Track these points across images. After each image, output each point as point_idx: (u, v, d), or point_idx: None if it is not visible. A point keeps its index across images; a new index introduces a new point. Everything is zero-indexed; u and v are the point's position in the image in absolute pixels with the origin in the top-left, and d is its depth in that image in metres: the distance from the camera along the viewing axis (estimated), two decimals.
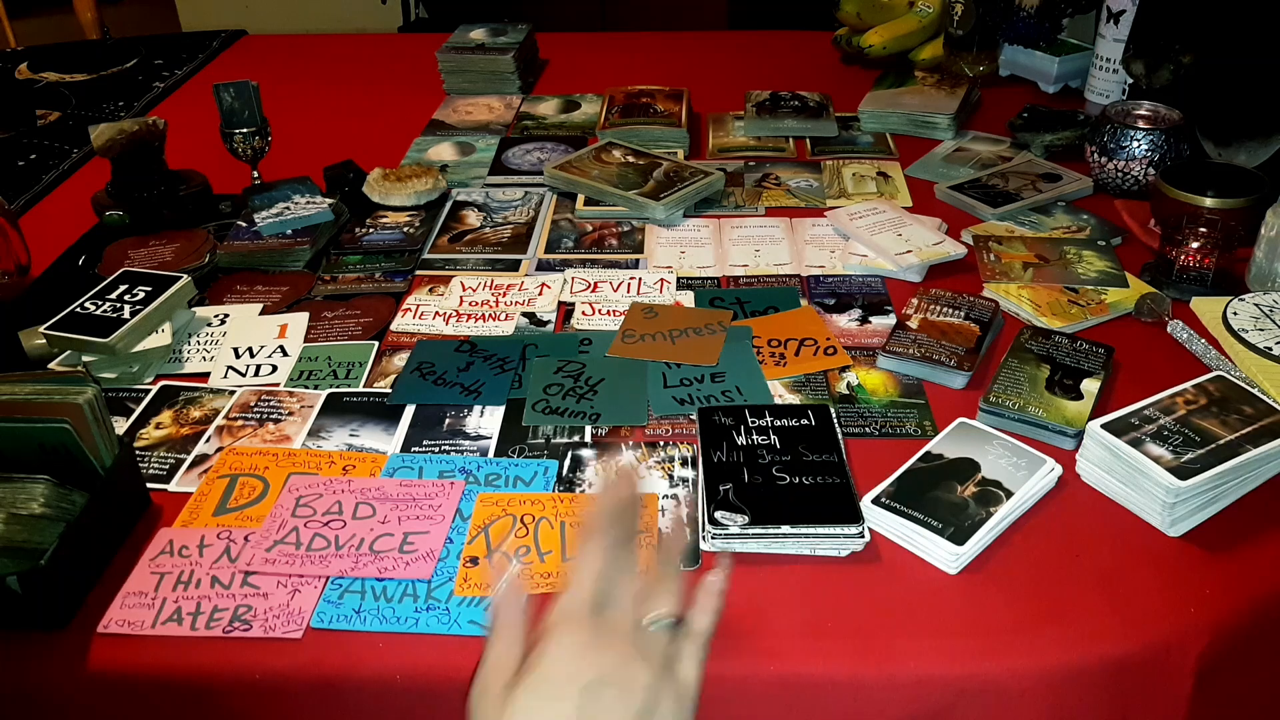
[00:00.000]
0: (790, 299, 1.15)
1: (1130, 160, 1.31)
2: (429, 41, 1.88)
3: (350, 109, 1.76)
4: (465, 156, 1.54)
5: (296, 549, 0.81)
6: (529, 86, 1.82)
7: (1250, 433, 0.84)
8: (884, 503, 0.82)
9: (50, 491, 0.77)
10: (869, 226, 1.25)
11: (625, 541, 0.56)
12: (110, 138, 1.31)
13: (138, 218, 1.34)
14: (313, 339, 1.10)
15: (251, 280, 1.22)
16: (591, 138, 1.56)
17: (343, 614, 0.76)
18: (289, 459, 0.92)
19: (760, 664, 0.72)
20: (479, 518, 0.84)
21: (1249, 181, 1.18)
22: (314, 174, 1.39)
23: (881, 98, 1.62)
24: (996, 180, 1.37)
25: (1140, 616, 0.75)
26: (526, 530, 0.83)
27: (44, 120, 1.78)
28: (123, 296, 1.09)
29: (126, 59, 2.06)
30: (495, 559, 0.78)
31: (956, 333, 1.03)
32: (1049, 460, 0.86)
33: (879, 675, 0.72)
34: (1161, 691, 0.75)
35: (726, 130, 1.60)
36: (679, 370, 1.02)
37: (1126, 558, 0.80)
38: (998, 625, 0.74)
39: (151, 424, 0.98)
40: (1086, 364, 0.98)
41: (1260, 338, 1.01)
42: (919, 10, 1.79)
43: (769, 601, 0.76)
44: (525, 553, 0.81)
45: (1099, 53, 1.63)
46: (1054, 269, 1.15)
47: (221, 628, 0.75)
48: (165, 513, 0.87)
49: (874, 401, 0.98)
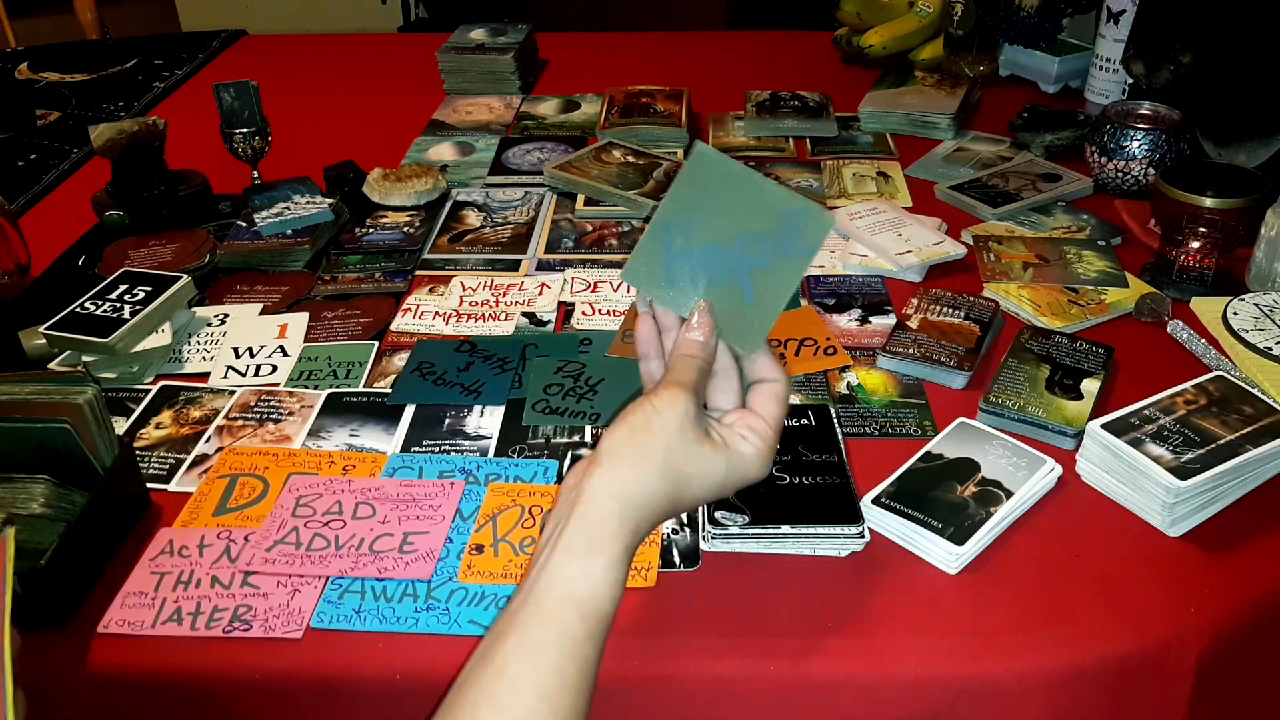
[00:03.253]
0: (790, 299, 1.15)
1: (1130, 160, 1.31)
2: (429, 41, 1.88)
3: (350, 109, 1.76)
4: (465, 156, 1.54)
5: (296, 549, 0.81)
6: (529, 86, 1.82)
7: (1250, 433, 0.84)
8: (884, 503, 0.82)
9: (50, 491, 0.77)
10: (869, 226, 1.25)
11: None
12: (110, 138, 1.31)
13: (138, 218, 1.34)
14: (313, 339, 1.10)
15: (251, 280, 1.22)
16: (591, 138, 1.56)
17: (343, 614, 0.76)
18: (289, 459, 0.92)
19: (760, 664, 0.72)
20: (488, 506, 0.85)
21: (1249, 181, 1.18)
22: (314, 174, 1.39)
23: (881, 98, 1.62)
24: (996, 180, 1.37)
25: (1140, 616, 0.75)
26: (533, 521, 0.83)
27: (44, 120, 1.78)
28: (123, 296, 1.09)
29: (126, 59, 2.06)
30: None
31: (956, 333, 1.03)
32: (1049, 460, 0.86)
33: (879, 675, 0.72)
34: (1161, 691, 0.75)
35: (726, 130, 1.60)
36: None
37: (1126, 558, 0.80)
38: (998, 625, 0.74)
39: (151, 424, 0.98)
40: (1086, 364, 0.98)
41: (1260, 338, 1.01)
42: (919, 10, 1.79)
43: (769, 601, 0.76)
44: (530, 544, 0.81)
45: (1099, 53, 1.63)
46: (1054, 269, 1.15)
47: (221, 628, 0.75)
48: (165, 513, 0.87)
49: (874, 401, 0.98)
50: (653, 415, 0.59)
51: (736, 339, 0.63)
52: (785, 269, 0.62)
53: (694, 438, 0.59)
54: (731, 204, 0.62)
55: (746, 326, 0.63)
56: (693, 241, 0.63)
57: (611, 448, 0.59)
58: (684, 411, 0.59)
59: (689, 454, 0.59)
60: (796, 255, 0.62)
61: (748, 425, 0.62)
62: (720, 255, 0.63)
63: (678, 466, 0.59)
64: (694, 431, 0.59)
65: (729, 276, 0.63)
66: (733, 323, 0.63)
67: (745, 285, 0.63)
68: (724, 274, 0.63)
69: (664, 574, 0.79)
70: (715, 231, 0.62)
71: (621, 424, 0.60)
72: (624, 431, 0.59)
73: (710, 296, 0.63)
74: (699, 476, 0.60)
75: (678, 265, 0.63)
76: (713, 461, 0.60)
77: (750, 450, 0.62)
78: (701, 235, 0.63)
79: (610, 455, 0.59)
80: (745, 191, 0.62)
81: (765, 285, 0.62)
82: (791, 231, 0.61)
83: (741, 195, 0.62)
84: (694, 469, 0.59)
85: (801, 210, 0.61)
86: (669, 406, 0.59)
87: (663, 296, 0.64)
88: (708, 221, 0.62)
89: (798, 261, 0.62)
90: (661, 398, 0.60)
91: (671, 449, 0.59)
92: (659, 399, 0.60)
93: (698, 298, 0.63)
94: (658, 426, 0.59)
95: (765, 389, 0.64)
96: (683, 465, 0.59)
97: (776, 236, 0.61)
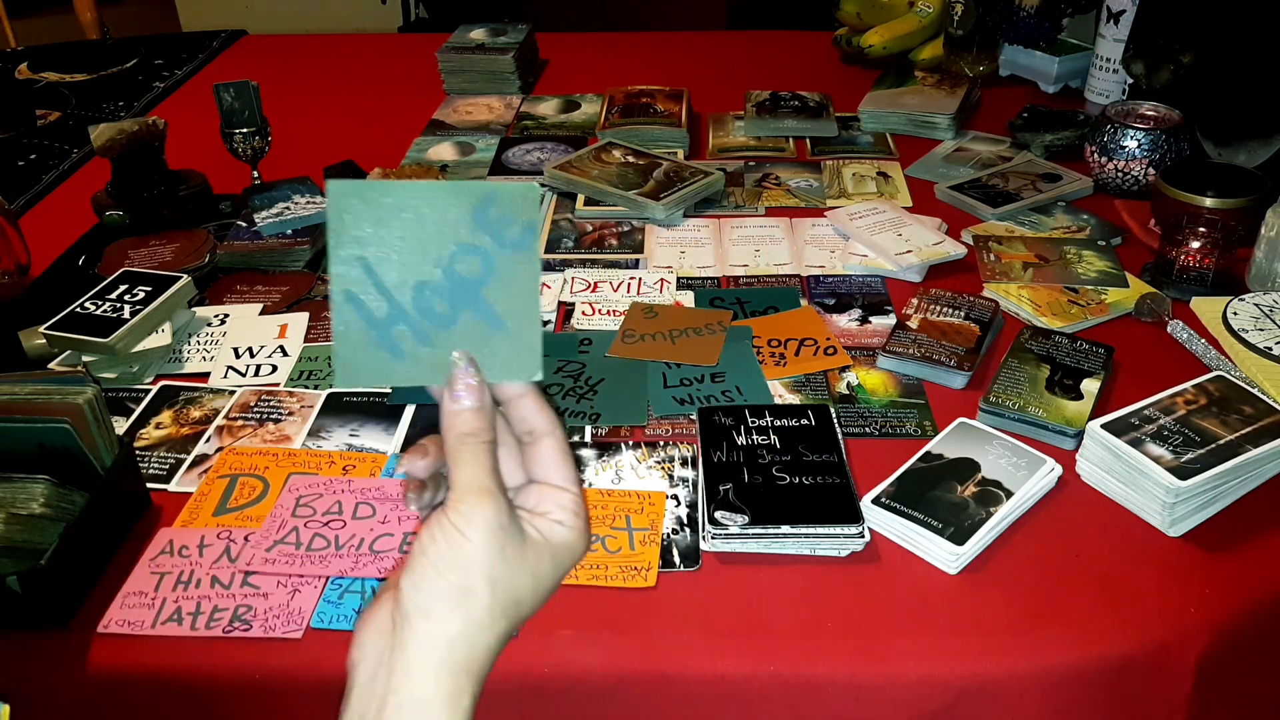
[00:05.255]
0: (790, 299, 1.15)
1: (1130, 160, 1.31)
2: (429, 41, 1.88)
3: (350, 109, 1.76)
4: (465, 156, 1.54)
5: (296, 549, 0.81)
6: (529, 86, 1.82)
7: (1250, 433, 0.84)
8: (884, 503, 0.82)
9: (50, 491, 0.77)
10: (869, 226, 1.25)
11: None
12: (110, 138, 1.31)
13: (138, 218, 1.34)
14: (313, 339, 1.10)
15: (251, 280, 1.22)
16: (591, 138, 1.56)
17: (343, 614, 0.76)
18: (289, 459, 0.92)
19: (760, 664, 0.72)
20: None
21: (1249, 181, 1.18)
22: (314, 174, 1.39)
23: (881, 98, 1.62)
24: (996, 180, 1.37)
25: (1140, 616, 0.75)
26: None
27: (44, 120, 1.78)
28: (123, 296, 1.09)
29: (126, 59, 2.06)
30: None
31: (956, 333, 1.03)
32: (1049, 460, 0.86)
33: (879, 675, 0.72)
34: (1161, 691, 0.75)
35: (726, 130, 1.60)
36: (679, 370, 1.02)
37: (1126, 558, 0.80)
38: (998, 625, 0.74)
39: (151, 424, 0.98)
40: (1086, 364, 0.98)
41: (1260, 338, 1.01)
42: (919, 10, 1.79)
43: (769, 601, 0.76)
44: None
45: (1099, 53, 1.63)
46: (1054, 269, 1.15)
47: (221, 628, 0.75)
48: (165, 513, 0.87)
49: (874, 401, 0.98)
50: (461, 545, 0.44)
51: (509, 374, 0.50)
52: (516, 269, 0.49)
53: (515, 552, 0.45)
54: (410, 231, 0.48)
55: (513, 355, 0.50)
56: (394, 297, 0.48)
57: (421, 605, 0.44)
58: (498, 524, 0.45)
59: (515, 575, 0.45)
60: (520, 245, 0.49)
61: (555, 503, 0.48)
62: (435, 294, 0.49)
63: (508, 595, 0.45)
64: (513, 544, 0.45)
65: (460, 312, 0.49)
66: (496, 361, 0.50)
67: (484, 313, 0.49)
68: (452, 313, 0.49)
69: (664, 574, 0.79)
70: (411, 272, 0.48)
71: (421, 563, 0.44)
72: (429, 574, 0.44)
73: (451, 347, 0.49)
74: (531, 593, 0.46)
75: (393, 333, 0.49)
76: (540, 568, 0.47)
77: (569, 534, 0.48)
78: (400, 284, 0.48)
79: (423, 615, 0.44)
80: (417, 207, 0.48)
81: (506, 299, 0.49)
82: (498, 222, 0.49)
83: (415, 214, 0.48)
84: (524, 590, 0.46)
85: (493, 193, 0.48)
86: (479, 525, 0.44)
87: (401, 376, 0.50)
88: (396, 266, 0.48)
89: (525, 252, 0.49)
90: (461, 514, 0.45)
91: (496, 579, 0.44)
92: (458, 516, 0.45)
93: (442, 356, 0.49)
94: (471, 557, 0.44)
95: (544, 448, 0.50)
96: (512, 590, 0.45)
97: (484, 239, 0.49)
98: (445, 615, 0.44)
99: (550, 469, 0.49)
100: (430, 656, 0.43)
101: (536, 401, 0.50)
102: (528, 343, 0.50)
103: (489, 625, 0.45)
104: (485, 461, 0.47)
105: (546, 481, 0.49)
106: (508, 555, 0.45)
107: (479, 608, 0.44)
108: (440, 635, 0.44)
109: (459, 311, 0.49)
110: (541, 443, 0.50)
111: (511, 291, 0.49)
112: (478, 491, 0.46)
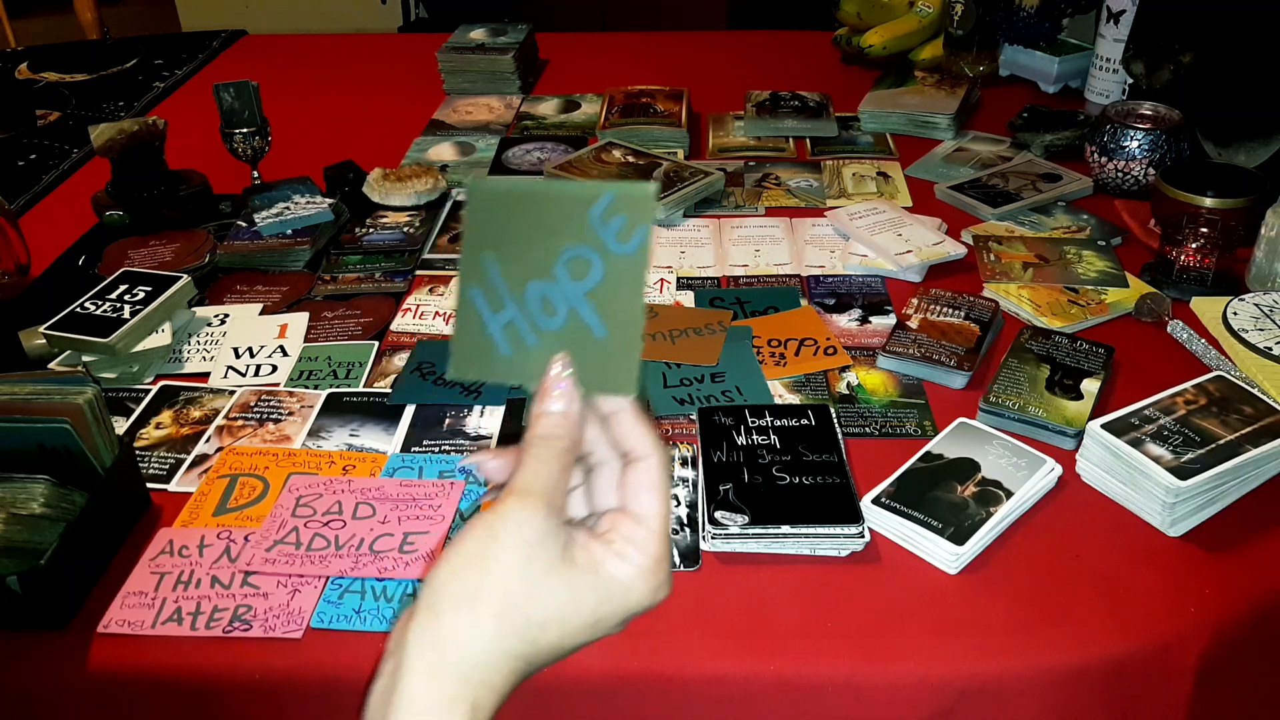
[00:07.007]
0: (790, 299, 1.15)
1: (1130, 160, 1.31)
2: (429, 41, 1.88)
3: (350, 109, 1.76)
4: (465, 156, 1.54)
5: (296, 549, 0.81)
6: (529, 86, 1.82)
7: (1250, 433, 0.84)
8: (884, 503, 0.82)
9: (50, 491, 0.77)
10: (869, 226, 1.25)
11: None
12: (110, 138, 1.31)
13: (138, 218, 1.34)
14: (313, 339, 1.10)
15: (251, 280, 1.22)
16: (591, 138, 1.56)
17: (343, 614, 0.76)
18: (289, 459, 0.92)
19: (760, 664, 0.72)
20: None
21: (1249, 181, 1.18)
22: (314, 174, 1.39)
23: (881, 98, 1.62)
24: (996, 180, 1.37)
25: (1140, 616, 0.75)
26: None
27: (44, 120, 1.78)
28: (123, 296, 1.09)
29: (126, 59, 2.06)
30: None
31: (956, 333, 1.03)
32: (1049, 460, 0.86)
33: (879, 675, 0.72)
34: (1161, 691, 0.75)
35: (726, 130, 1.60)
36: (679, 370, 1.02)
37: (1126, 558, 0.80)
38: (998, 625, 0.74)
39: (151, 424, 0.98)
40: (1086, 364, 0.98)
41: (1260, 338, 1.01)
42: (919, 10, 1.79)
43: (769, 601, 0.76)
44: None
45: (1099, 53, 1.63)
46: (1054, 269, 1.15)
47: (221, 628, 0.75)
48: (165, 513, 0.87)
49: (874, 401, 0.98)
50: (489, 542, 0.42)
51: (603, 385, 0.49)
52: (624, 273, 0.48)
53: (545, 566, 0.42)
54: (531, 230, 0.50)
55: (609, 365, 0.49)
56: (510, 294, 0.50)
57: (430, 599, 0.42)
58: (532, 531, 0.42)
59: (536, 592, 0.42)
60: (629, 250, 0.48)
61: (625, 534, 0.45)
62: (545, 294, 0.50)
63: (522, 611, 0.42)
64: (545, 558, 0.42)
65: (564, 315, 0.49)
66: (591, 369, 0.49)
67: (587, 316, 0.49)
68: (558, 315, 0.50)
69: None
70: (528, 270, 0.50)
71: (447, 554, 0.43)
72: (447, 566, 0.43)
73: (552, 349, 0.49)
74: (558, 621, 0.43)
75: (506, 331, 0.50)
76: (574, 595, 0.43)
77: (629, 572, 0.44)
78: (516, 282, 0.50)
79: (428, 609, 0.42)
80: (540, 208, 0.50)
81: (610, 304, 0.49)
82: (611, 225, 0.49)
83: (538, 214, 0.50)
84: (546, 612, 0.42)
85: (612, 195, 0.49)
86: (511, 527, 0.42)
87: (503, 373, 0.51)
88: (515, 263, 0.50)
89: (634, 257, 0.48)
90: (498, 512, 0.43)
91: (510, 589, 0.42)
92: (498, 516, 0.43)
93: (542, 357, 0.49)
94: (494, 558, 0.42)
95: (636, 472, 0.46)
96: (529, 608, 0.42)
97: (596, 240, 0.49)
98: (448, 613, 0.42)
99: (633, 496, 0.46)
100: (427, 655, 0.42)
101: (636, 421, 0.47)
102: (626, 354, 0.48)
103: (493, 635, 0.42)
104: (548, 466, 0.45)
105: (625, 509, 0.46)
106: (534, 567, 0.42)
107: (485, 611, 0.42)
108: (439, 634, 0.42)
109: (564, 312, 0.49)
110: (635, 466, 0.47)
111: (616, 296, 0.49)
112: (521, 493, 0.43)
